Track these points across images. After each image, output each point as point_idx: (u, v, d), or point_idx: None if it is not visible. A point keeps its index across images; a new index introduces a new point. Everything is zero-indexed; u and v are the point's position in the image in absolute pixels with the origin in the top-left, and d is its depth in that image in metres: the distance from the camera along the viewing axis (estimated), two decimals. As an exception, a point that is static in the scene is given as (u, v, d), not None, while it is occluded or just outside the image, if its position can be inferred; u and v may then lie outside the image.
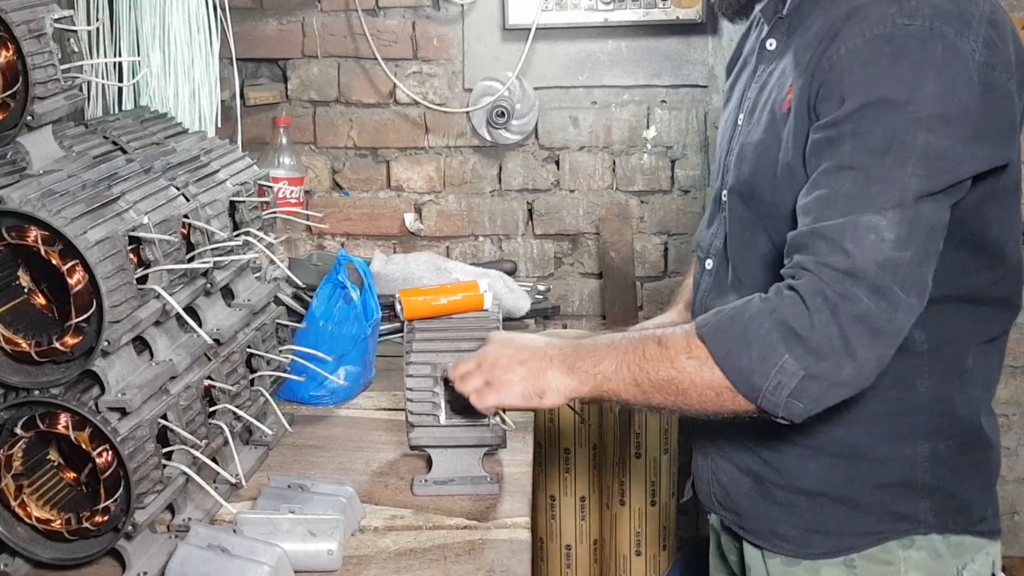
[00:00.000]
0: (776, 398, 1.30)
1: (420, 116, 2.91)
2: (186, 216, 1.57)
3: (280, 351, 1.85)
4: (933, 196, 1.31)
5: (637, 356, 1.38)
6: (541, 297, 2.74)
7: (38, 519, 1.40)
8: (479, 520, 1.62)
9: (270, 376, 1.81)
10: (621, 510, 2.80)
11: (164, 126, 2.01)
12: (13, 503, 1.39)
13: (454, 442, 1.71)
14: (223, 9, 2.43)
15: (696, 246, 1.73)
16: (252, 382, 1.77)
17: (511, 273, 2.90)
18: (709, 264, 1.63)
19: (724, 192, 1.59)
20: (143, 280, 1.44)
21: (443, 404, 1.68)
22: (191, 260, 1.57)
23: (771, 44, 1.54)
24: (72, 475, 1.48)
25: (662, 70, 2.93)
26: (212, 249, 1.61)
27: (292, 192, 2.79)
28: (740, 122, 1.57)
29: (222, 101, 2.67)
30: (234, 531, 1.42)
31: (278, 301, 2.35)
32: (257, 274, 1.94)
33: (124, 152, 1.77)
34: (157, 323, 1.49)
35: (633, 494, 2.78)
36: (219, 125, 2.57)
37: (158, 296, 1.43)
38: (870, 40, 1.33)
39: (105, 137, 1.85)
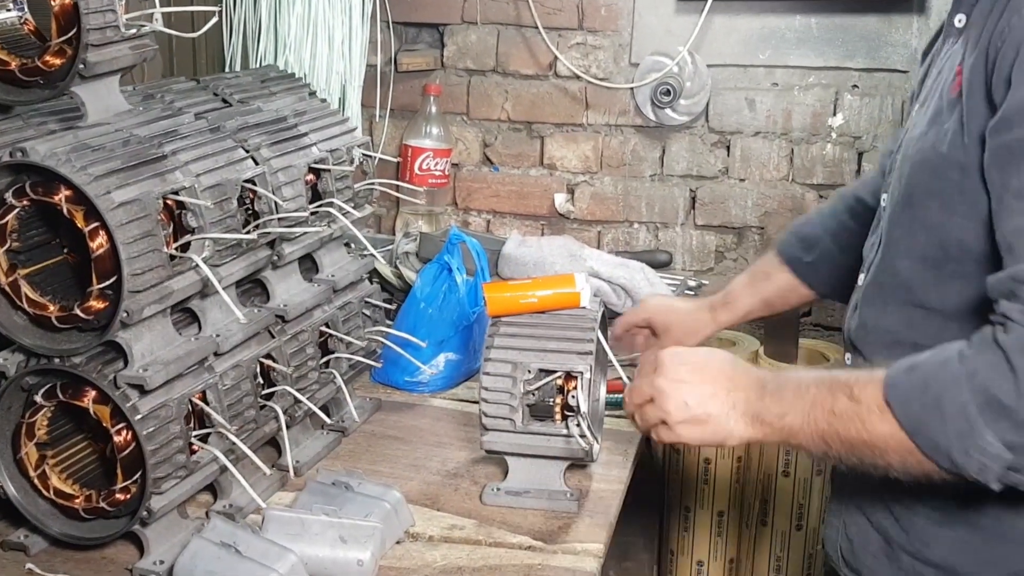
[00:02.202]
0: (984, 478, 1.06)
1: (580, 91, 2.72)
2: (250, 181, 1.46)
3: (365, 333, 1.72)
4: None
5: (825, 411, 1.15)
6: (692, 293, 2.52)
7: (58, 492, 1.32)
8: (545, 541, 1.44)
9: (348, 359, 1.68)
10: (762, 530, 2.56)
11: (287, 86, 1.91)
12: (33, 473, 1.31)
13: (532, 451, 1.54)
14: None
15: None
16: (328, 364, 1.65)
17: (666, 265, 2.69)
18: (861, 279, 1.40)
19: (884, 197, 1.36)
20: (186, 248, 1.33)
21: (521, 407, 1.51)
22: (255, 229, 1.45)
23: (959, 20, 1.28)
24: (104, 448, 1.39)
25: (856, 51, 2.62)
26: (281, 219, 1.49)
27: (437, 164, 2.67)
28: (913, 112, 1.34)
29: (372, 65, 2.58)
30: (254, 529, 1.30)
31: (399, 276, 2.23)
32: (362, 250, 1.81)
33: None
34: (203, 295, 1.39)
35: (777, 515, 2.53)
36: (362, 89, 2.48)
37: (197, 266, 1.32)
38: None
39: (215, 94, 1.76)
